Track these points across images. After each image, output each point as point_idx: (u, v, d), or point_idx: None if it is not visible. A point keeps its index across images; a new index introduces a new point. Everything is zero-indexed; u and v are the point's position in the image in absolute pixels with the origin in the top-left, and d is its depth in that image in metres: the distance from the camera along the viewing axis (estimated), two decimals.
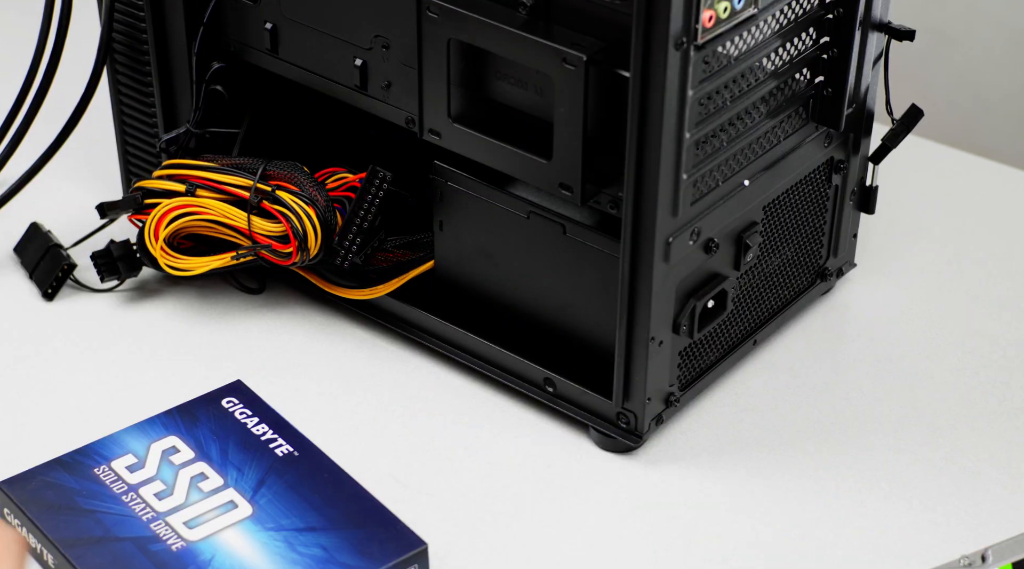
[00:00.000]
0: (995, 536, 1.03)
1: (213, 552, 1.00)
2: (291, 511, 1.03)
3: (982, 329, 1.24)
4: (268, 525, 1.02)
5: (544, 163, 1.05)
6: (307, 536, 1.01)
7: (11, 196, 1.27)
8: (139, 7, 1.20)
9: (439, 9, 1.04)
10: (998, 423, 1.15)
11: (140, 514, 1.03)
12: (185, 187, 1.18)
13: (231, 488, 1.05)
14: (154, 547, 1.00)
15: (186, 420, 1.10)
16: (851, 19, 1.10)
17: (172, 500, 1.04)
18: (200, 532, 1.02)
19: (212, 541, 1.01)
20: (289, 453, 1.07)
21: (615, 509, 1.08)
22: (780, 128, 1.11)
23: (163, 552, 1.00)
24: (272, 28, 1.17)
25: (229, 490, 1.05)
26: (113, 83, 1.27)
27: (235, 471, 1.06)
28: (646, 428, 1.10)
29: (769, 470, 1.11)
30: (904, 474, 1.11)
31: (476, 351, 1.17)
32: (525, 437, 1.14)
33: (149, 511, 1.03)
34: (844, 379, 1.19)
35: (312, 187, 1.16)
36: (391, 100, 1.13)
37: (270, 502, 1.04)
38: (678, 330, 1.09)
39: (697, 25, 0.97)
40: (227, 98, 1.21)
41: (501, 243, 1.13)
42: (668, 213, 1.03)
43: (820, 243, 1.21)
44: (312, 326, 1.23)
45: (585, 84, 1.00)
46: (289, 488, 1.05)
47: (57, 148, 1.25)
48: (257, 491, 1.04)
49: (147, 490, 1.04)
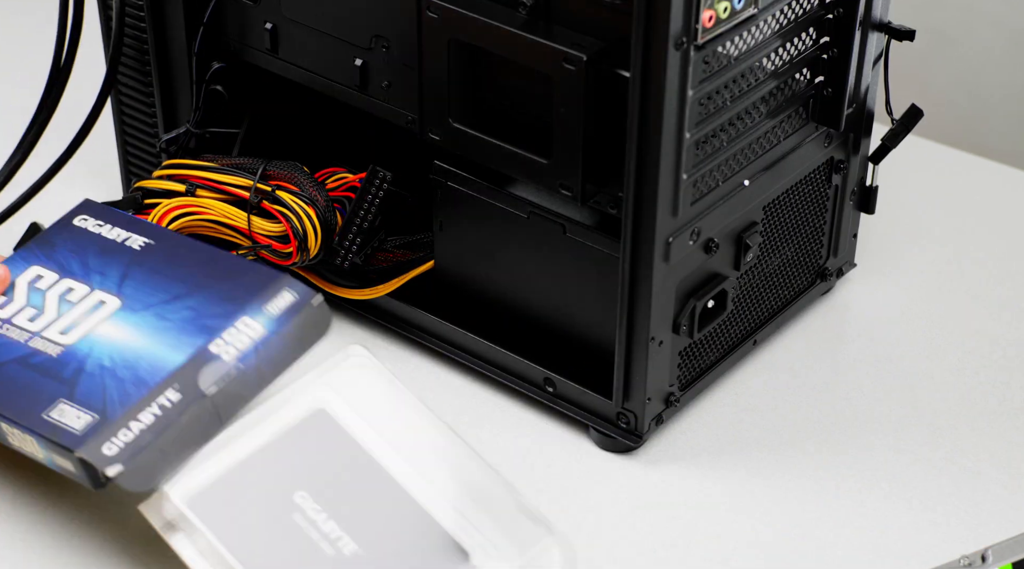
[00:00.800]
0: (995, 536, 1.03)
1: (90, 346, 1.04)
2: (156, 289, 1.07)
3: (982, 329, 1.24)
4: (137, 308, 1.06)
5: (544, 163, 1.05)
6: (174, 304, 1.05)
7: (17, 208, 1.26)
8: (139, 7, 1.20)
9: (439, 9, 1.04)
10: (998, 423, 1.15)
11: (17, 339, 1.06)
12: (185, 187, 1.18)
13: (97, 290, 1.08)
14: (35, 360, 1.04)
15: (44, 249, 1.13)
16: (851, 19, 1.10)
17: (44, 318, 1.07)
18: (75, 334, 1.06)
19: (88, 339, 1.05)
20: (145, 244, 1.11)
21: (615, 509, 1.08)
22: (780, 128, 1.11)
23: (45, 361, 1.04)
24: (272, 28, 1.17)
25: (96, 292, 1.08)
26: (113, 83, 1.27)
27: (98, 276, 1.09)
28: (646, 428, 1.10)
29: (769, 470, 1.11)
30: (904, 474, 1.11)
31: (476, 351, 1.17)
32: (525, 437, 1.14)
33: (25, 333, 1.07)
34: (844, 379, 1.19)
35: (312, 187, 1.16)
36: (391, 100, 1.13)
37: (136, 289, 1.07)
38: (678, 330, 1.09)
39: (697, 25, 0.97)
40: (227, 98, 1.21)
41: (501, 243, 1.13)
42: (668, 213, 1.03)
43: (820, 243, 1.21)
44: None
45: (585, 84, 1.00)
46: (151, 272, 1.08)
47: (66, 160, 1.25)
48: (122, 284, 1.08)
49: (20, 317, 1.08)
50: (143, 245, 1.11)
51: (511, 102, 1.07)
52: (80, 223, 1.14)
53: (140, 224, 1.12)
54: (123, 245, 1.11)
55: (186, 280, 1.07)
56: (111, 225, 1.13)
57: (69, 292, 1.09)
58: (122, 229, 1.12)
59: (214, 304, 1.05)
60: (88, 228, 1.13)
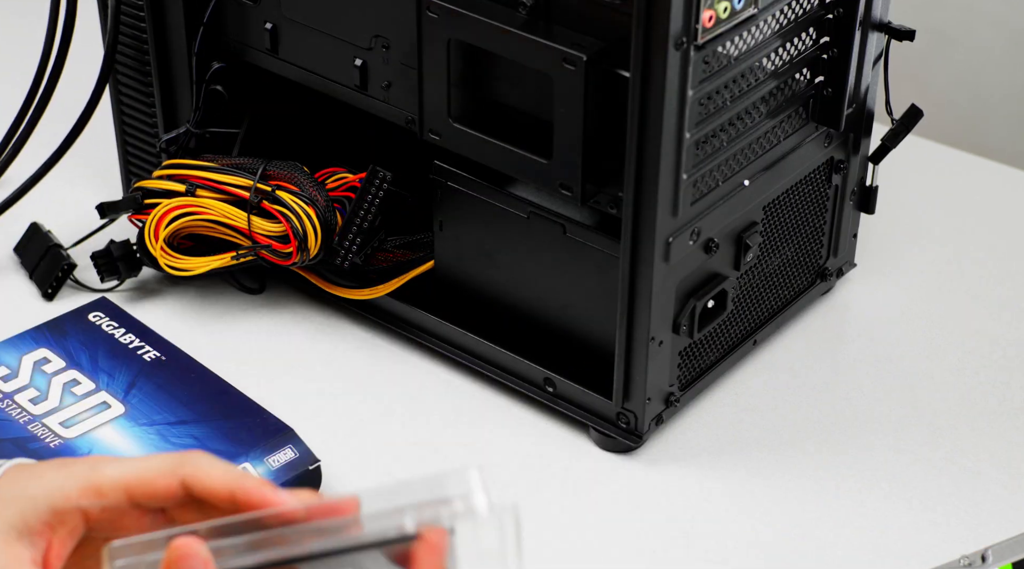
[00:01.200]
0: (995, 536, 1.03)
1: (90, 446, 1.05)
2: (162, 408, 1.08)
3: (982, 329, 1.24)
4: (141, 421, 1.07)
5: (544, 163, 1.05)
6: (179, 428, 1.07)
7: (13, 202, 1.27)
8: (139, 7, 1.20)
9: (439, 9, 1.04)
10: (998, 423, 1.15)
11: (17, 418, 1.07)
12: (185, 187, 1.18)
13: (103, 390, 1.10)
14: (33, 446, 1.05)
15: (55, 333, 1.14)
16: (851, 19, 1.10)
17: (47, 404, 1.09)
18: (76, 430, 1.07)
19: (89, 437, 1.06)
20: (156, 358, 1.13)
21: (615, 509, 1.08)
22: (780, 128, 1.11)
23: (42, 449, 1.05)
24: (272, 28, 1.17)
25: (101, 393, 1.10)
26: (113, 83, 1.27)
27: (106, 376, 1.11)
28: (646, 428, 1.10)
29: (769, 470, 1.11)
30: (904, 474, 1.11)
31: (476, 351, 1.17)
32: (525, 437, 1.14)
33: (25, 414, 1.08)
34: (844, 379, 1.19)
35: (312, 187, 1.16)
36: (391, 100, 1.13)
37: (141, 401, 1.09)
38: (678, 330, 1.09)
39: (697, 25, 0.97)
40: (227, 98, 1.21)
41: (501, 243, 1.13)
42: (668, 213, 1.03)
43: (820, 243, 1.21)
44: (312, 326, 1.23)
45: (585, 84, 1.00)
46: (159, 388, 1.10)
47: (60, 155, 1.25)
48: (128, 392, 1.09)
49: (22, 397, 1.09)
50: (154, 358, 1.13)
51: (511, 102, 1.07)
52: (95, 319, 1.16)
53: (153, 336, 1.15)
54: (134, 353, 1.13)
55: (193, 407, 1.09)
56: (124, 330, 1.15)
57: (75, 384, 1.10)
58: (135, 337, 1.15)
59: (217, 440, 1.06)
60: (102, 326, 1.15)
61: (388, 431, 1.14)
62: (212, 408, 1.09)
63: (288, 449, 1.06)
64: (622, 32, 0.99)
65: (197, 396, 1.10)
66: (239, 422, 1.07)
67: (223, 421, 1.07)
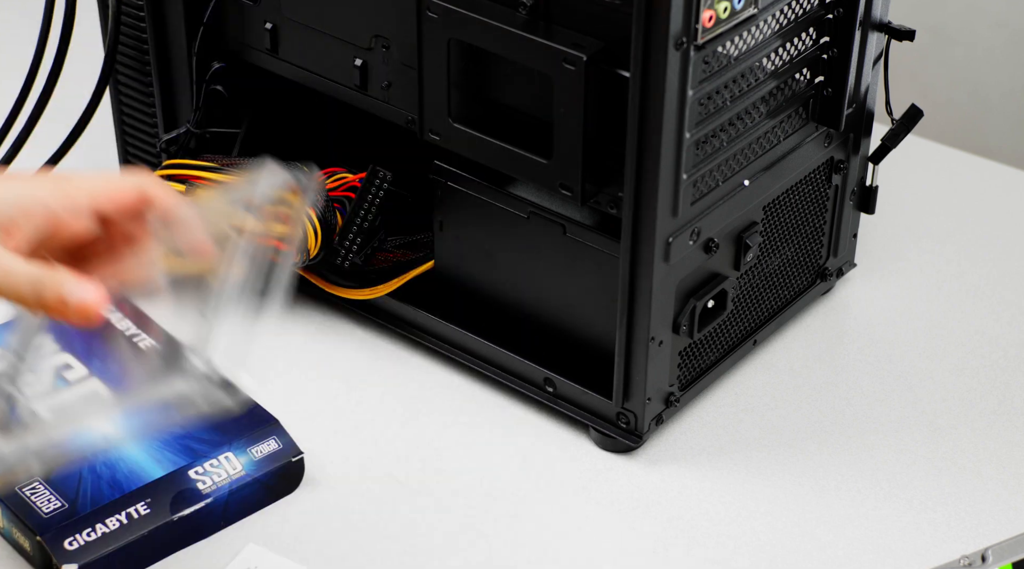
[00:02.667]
0: (995, 536, 1.03)
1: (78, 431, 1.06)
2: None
3: (982, 329, 1.24)
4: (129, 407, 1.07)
5: (544, 163, 1.05)
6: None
7: None
8: (139, 7, 1.20)
9: (439, 9, 1.04)
10: (998, 423, 1.15)
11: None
12: (185, 187, 1.18)
13: (95, 377, 1.10)
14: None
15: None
16: (851, 19, 1.10)
17: (37, 387, 1.08)
18: (65, 414, 1.06)
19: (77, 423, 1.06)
20: (150, 347, 1.12)
21: (615, 509, 1.08)
22: (780, 128, 1.11)
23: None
24: (272, 28, 1.17)
25: (93, 379, 1.10)
26: (113, 83, 1.27)
27: (98, 362, 1.11)
28: (646, 428, 1.10)
29: (769, 470, 1.11)
30: (904, 474, 1.11)
31: (476, 351, 1.17)
32: (525, 437, 1.14)
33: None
34: (844, 379, 1.19)
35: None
36: (391, 100, 1.13)
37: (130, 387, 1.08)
38: (678, 330, 1.09)
39: (697, 25, 0.97)
40: (227, 98, 1.21)
41: (501, 243, 1.13)
42: (668, 213, 1.03)
43: (820, 243, 1.21)
44: (312, 326, 1.23)
45: (585, 84, 1.00)
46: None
47: (61, 155, 1.25)
48: (120, 380, 1.10)
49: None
50: (148, 347, 1.13)
51: (511, 102, 1.07)
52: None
53: (149, 323, 1.14)
54: (130, 340, 1.13)
55: None
56: (121, 315, 1.15)
57: (67, 369, 1.10)
58: (131, 324, 1.14)
59: (204, 429, 1.07)
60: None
61: (388, 431, 1.14)
62: None
63: (272, 440, 1.07)
64: (622, 32, 0.99)
65: None
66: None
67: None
